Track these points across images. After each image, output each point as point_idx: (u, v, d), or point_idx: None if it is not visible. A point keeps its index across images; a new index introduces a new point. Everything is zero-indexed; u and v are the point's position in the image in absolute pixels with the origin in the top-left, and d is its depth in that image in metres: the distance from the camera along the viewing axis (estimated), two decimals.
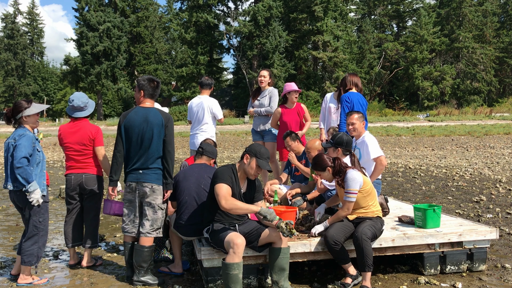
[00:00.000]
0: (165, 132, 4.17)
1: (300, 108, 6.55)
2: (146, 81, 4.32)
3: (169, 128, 4.19)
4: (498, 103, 60.13)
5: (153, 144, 4.15)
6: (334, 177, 4.18)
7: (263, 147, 3.97)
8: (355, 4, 69.96)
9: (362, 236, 3.95)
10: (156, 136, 4.15)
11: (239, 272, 3.65)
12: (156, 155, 4.18)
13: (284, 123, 6.47)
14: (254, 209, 3.77)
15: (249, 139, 25.59)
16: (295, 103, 6.56)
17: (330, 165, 4.17)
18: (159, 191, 4.21)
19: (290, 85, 6.54)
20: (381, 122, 42.01)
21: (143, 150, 4.18)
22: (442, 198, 8.43)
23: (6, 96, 73.04)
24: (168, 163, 4.19)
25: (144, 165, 4.19)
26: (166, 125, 4.17)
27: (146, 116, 4.18)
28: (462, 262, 4.46)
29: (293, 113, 6.48)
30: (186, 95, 56.70)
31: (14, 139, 4.15)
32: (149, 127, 4.15)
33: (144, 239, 4.20)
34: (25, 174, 4.03)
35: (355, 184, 4.06)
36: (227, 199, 3.72)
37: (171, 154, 4.20)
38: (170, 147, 4.20)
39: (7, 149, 4.21)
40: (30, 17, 78.46)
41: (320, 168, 4.22)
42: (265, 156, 3.88)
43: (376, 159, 4.85)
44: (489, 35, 63.36)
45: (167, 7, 73.75)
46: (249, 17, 54.90)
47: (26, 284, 4.27)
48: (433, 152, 17.52)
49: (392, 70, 62.08)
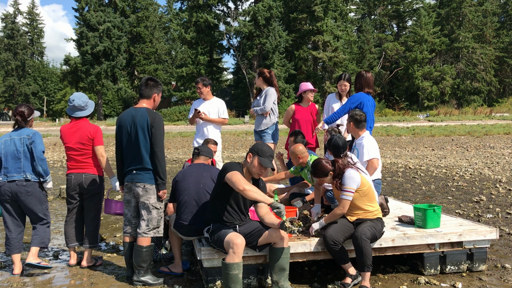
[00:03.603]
0: (152, 132, 4.12)
1: (314, 108, 6.56)
2: (142, 81, 4.36)
3: (155, 129, 4.12)
4: (498, 103, 60.14)
5: (141, 145, 4.14)
6: (334, 180, 4.17)
7: (266, 145, 3.95)
8: (355, 4, 69.97)
9: (362, 236, 3.95)
10: (142, 137, 4.14)
11: (239, 272, 3.65)
12: (146, 155, 4.16)
13: (295, 120, 6.52)
14: (268, 199, 3.75)
15: (249, 139, 25.60)
16: (310, 102, 6.59)
17: (331, 169, 4.17)
18: (152, 190, 4.19)
19: (306, 85, 6.56)
20: (381, 122, 42.02)
21: (134, 150, 4.19)
22: (442, 198, 8.43)
23: (6, 96, 73.04)
24: (156, 164, 4.15)
25: (137, 165, 4.19)
26: (152, 125, 4.12)
27: (133, 117, 4.19)
28: (462, 262, 4.46)
29: (306, 112, 6.49)
30: (186, 95, 56.70)
31: (28, 136, 4.58)
32: (135, 128, 4.16)
33: (141, 239, 4.20)
34: (46, 166, 4.60)
35: (352, 183, 4.05)
36: (246, 182, 3.71)
37: (157, 155, 4.13)
38: (156, 148, 4.13)
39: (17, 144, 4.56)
40: (30, 17, 78.48)
41: (322, 175, 4.19)
42: (268, 154, 3.87)
43: (368, 161, 4.86)
44: (489, 35, 63.36)
45: (167, 7, 73.76)
46: (249, 17, 54.91)
47: (36, 263, 4.59)
48: (433, 152, 17.53)
49: (392, 70, 62.10)
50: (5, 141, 4.60)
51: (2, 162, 4.57)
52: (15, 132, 4.65)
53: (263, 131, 6.66)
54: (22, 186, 4.54)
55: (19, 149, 4.55)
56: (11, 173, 4.53)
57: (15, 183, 4.52)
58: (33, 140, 4.57)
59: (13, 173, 4.53)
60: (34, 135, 4.60)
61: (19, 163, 4.54)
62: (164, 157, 4.23)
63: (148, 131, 4.13)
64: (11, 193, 4.54)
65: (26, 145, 4.56)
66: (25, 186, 4.54)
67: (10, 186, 4.53)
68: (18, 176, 4.53)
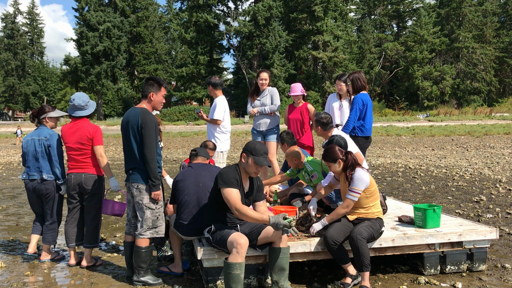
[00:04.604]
0: (142, 133, 4.09)
1: (305, 108, 6.60)
2: (144, 80, 4.36)
3: (145, 130, 4.07)
4: (498, 103, 60.15)
5: (133, 145, 4.14)
6: (344, 171, 4.17)
7: (258, 143, 3.91)
8: (355, 4, 69.99)
9: (357, 236, 3.94)
10: (133, 138, 4.13)
11: (241, 272, 3.64)
12: (140, 156, 4.15)
13: (288, 120, 6.68)
14: (265, 219, 3.70)
15: (249, 139, 25.59)
16: (301, 103, 6.66)
17: (342, 158, 4.16)
18: (145, 190, 4.18)
19: (293, 89, 6.62)
20: (381, 122, 42.02)
21: (129, 150, 4.20)
22: (442, 198, 8.43)
23: (6, 96, 73.05)
24: (145, 167, 4.11)
25: (131, 165, 4.19)
26: (142, 126, 4.08)
27: (128, 117, 4.20)
28: (462, 262, 4.45)
29: (296, 111, 6.60)
30: (186, 95, 56.71)
31: (45, 137, 4.89)
32: (128, 128, 4.16)
33: (139, 240, 4.20)
34: (62, 169, 4.88)
35: (361, 184, 4.05)
36: (240, 208, 3.70)
37: (147, 157, 4.07)
38: (146, 150, 4.08)
39: (36, 144, 4.89)
40: (30, 17, 78.49)
41: (331, 159, 4.18)
42: (261, 152, 3.84)
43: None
44: (489, 35, 63.38)
45: (167, 7, 73.78)
46: (249, 17, 54.92)
47: (48, 260, 5.00)
48: (433, 152, 17.53)
49: (392, 70, 62.10)
50: (27, 140, 4.97)
51: (26, 161, 4.95)
52: (36, 131, 4.99)
53: (269, 131, 6.69)
54: (40, 185, 4.89)
55: (38, 149, 4.89)
56: (32, 172, 4.91)
57: (36, 181, 4.89)
58: (50, 142, 4.88)
59: (33, 172, 4.90)
60: (52, 136, 4.90)
61: (38, 163, 4.89)
62: (155, 158, 4.13)
63: (138, 132, 4.11)
64: (33, 190, 4.93)
65: (44, 146, 4.88)
66: (42, 185, 4.88)
67: (32, 184, 4.91)
68: (37, 175, 4.89)
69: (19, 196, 9.46)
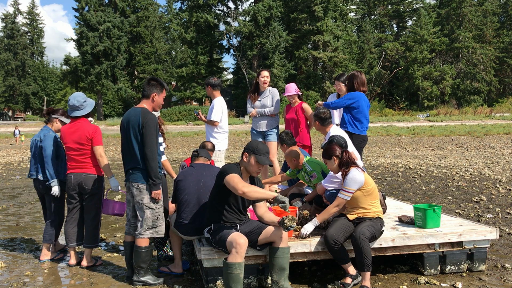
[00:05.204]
0: (142, 133, 4.10)
1: (299, 107, 6.59)
2: (145, 81, 4.36)
3: (146, 129, 4.08)
4: (498, 103, 60.17)
5: (134, 145, 4.14)
6: (340, 169, 4.20)
7: (260, 142, 3.94)
8: (355, 4, 70.01)
9: (360, 236, 3.95)
10: (134, 137, 4.13)
11: (240, 272, 3.64)
12: (140, 155, 4.15)
13: (285, 119, 6.69)
14: (271, 194, 3.77)
15: (249, 139, 25.60)
16: (297, 102, 6.65)
17: (337, 155, 4.19)
18: (145, 190, 4.18)
19: (287, 89, 6.61)
20: (381, 122, 42.03)
21: (129, 150, 4.19)
22: (442, 198, 8.43)
23: (6, 96, 73.05)
24: (146, 166, 4.12)
25: (132, 165, 4.19)
26: (143, 125, 4.09)
27: (129, 117, 4.20)
28: (462, 262, 4.46)
29: (292, 111, 6.61)
30: (186, 95, 56.72)
31: (40, 138, 5.04)
32: (128, 128, 4.16)
33: (139, 240, 4.20)
34: (52, 170, 4.93)
35: (353, 184, 4.07)
36: (244, 184, 3.71)
37: (147, 156, 4.09)
38: (147, 150, 4.09)
39: (34, 145, 5.09)
40: (30, 17, 78.51)
41: (327, 156, 4.25)
42: (263, 152, 3.87)
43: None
44: (489, 35, 63.39)
45: (167, 7, 73.81)
46: (249, 17, 54.95)
47: (48, 260, 5.05)
48: (433, 152, 17.53)
49: (392, 70, 62.12)
50: (31, 141, 5.19)
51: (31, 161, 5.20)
52: (39, 133, 5.18)
53: (269, 131, 6.69)
54: (39, 184, 5.10)
55: (35, 150, 5.09)
56: (32, 172, 5.14)
57: (37, 181, 5.11)
58: (43, 143, 4.99)
59: (33, 172, 5.13)
60: (46, 137, 4.99)
61: (36, 163, 5.09)
62: (156, 157, 4.15)
63: (139, 132, 4.12)
64: (36, 189, 5.18)
65: (38, 147, 5.04)
66: (40, 184, 5.08)
67: (35, 183, 5.16)
68: (35, 176, 5.11)
69: (19, 196, 9.46)
